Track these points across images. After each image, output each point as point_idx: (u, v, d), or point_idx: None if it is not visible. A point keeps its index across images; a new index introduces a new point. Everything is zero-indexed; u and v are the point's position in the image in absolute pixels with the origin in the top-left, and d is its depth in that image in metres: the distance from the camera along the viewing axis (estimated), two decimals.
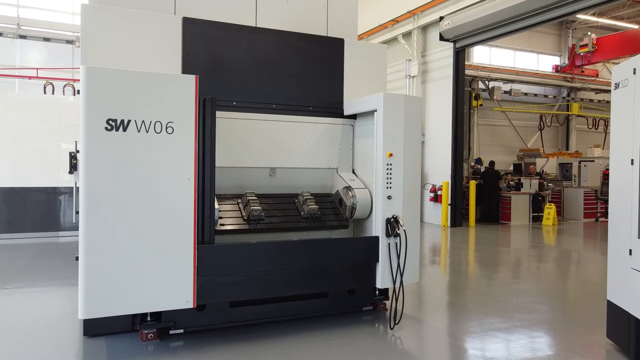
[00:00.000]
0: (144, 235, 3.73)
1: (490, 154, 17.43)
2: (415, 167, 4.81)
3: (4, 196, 9.92)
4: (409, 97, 4.72)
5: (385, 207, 4.60)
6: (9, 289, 6.03)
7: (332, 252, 4.56)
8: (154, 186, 3.76)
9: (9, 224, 9.93)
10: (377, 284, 4.67)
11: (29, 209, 10.00)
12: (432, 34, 14.09)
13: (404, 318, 4.72)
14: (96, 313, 3.67)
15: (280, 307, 4.59)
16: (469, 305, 5.66)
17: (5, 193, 9.91)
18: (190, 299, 3.91)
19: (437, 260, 9.04)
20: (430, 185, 13.96)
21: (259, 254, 4.28)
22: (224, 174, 4.71)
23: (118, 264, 3.66)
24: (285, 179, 5.04)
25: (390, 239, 4.60)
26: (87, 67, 3.58)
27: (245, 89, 4.81)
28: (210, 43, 4.66)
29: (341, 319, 4.85)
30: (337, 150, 5.22)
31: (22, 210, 9.98)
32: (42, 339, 4.31)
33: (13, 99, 10.73)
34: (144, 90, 3.72)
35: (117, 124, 3.64)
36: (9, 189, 9.90)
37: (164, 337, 4.24)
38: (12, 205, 9.95)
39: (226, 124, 4.67)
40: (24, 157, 9.85)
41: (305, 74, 5.08)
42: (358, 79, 5.32)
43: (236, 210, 4.65)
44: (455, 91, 13.35)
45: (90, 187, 3.58)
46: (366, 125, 5.04)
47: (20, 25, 14.42)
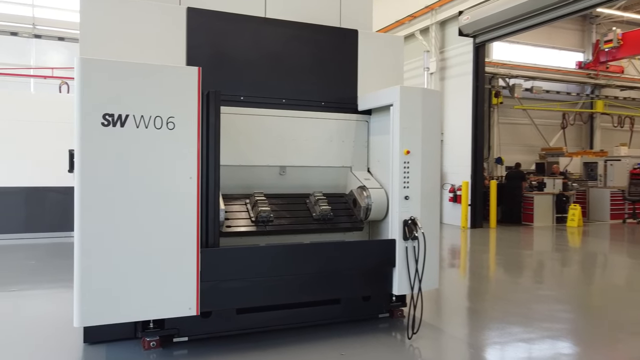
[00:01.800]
0: (143, 237, 3.50)
1: (511, 153, 16.94)
2: (434, 166, 4.51)
3: (22, 196, 9.88)
4: (427, 90, 4.43)
5: (402, 208, 4.30)
6: (14, 291, 5.88)
7: (345, 256, 4.28)
8: (154, 185, 3.53)
9: (27, 224, 9.89)
10: (394, 290, 4.38)
11: (47, 208, 9.95)
12: (450, 29, 13.70)
13: (423, 326, 4.40)
14: (91, 321, 3.45)
15: (290, 314, 4.32)
16: (491, 313, 5.33)
17: (23, 192, 9.87)
18: (193, 306, 3.66)
19: (457, 263, 8.69)
20: (449, 185, 13.58)
21: (266, 258, 4.02)
22: (231, 173, 4.46)
23: (114, 269, 3.43)
24: (295, 178, 4.77)
25: (407, 242, 4.31)
26: (82, 58, 3.35)
27: (254, 83, 4.56)
28: (216, 35, 4.42)
29: (355, 327, 4.56)
30: (351, 148, 4.93)
31: (40, 210, 9.93)
32: (40, 346, 4.11)
33: (29, 99, 10.70)
34: (142, 83, 3.49)
35: (115, 119, 3.41)
36: (26, 188, 9.86)
37: (168, 345, 4.01)
38: (30, 205, 9.92)
39: (233, 119, 4.43)
40: (41, 157, 9.76)
41: (317, 67, 4.80)
42: (373, 73, 5.02)
43: (244, 211, 4.39)
44: (475, 88, 12.95)
45: (85, 186, 3.36)
46: (382, 121, 4.75)
47: (35, 24, 14.43)
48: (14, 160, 9.83)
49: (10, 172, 9.82)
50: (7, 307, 5.26)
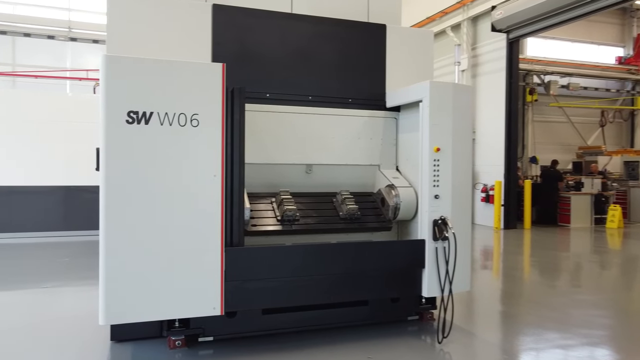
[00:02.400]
0: (167, 236, 3.46)
1: (546, 152, 16.41)
2: (466, 163, 4.35)
3: (59, 195, 10.14)
4: (458, 85, 4.26)
5: (432, 208, 4.16)
6: (47, 287, 5.99)
7: (372, 257, 4.16)
8: (177, 183, 3.49)
9: (63, 222, 10.15)
10: (423, 292, 4.23)
11: (82, 207, 10.18)
12: (483, 25, 13.37)
13: (454, 331, 4.25)
14: (116, 319, 3.44)
15: (316, 315, 4.23)
16: (525, 317, 5.11)
17: (60, 191, 10.13)
18: (218, 305, 3.61)
19: (489, 265, 8.44)
20: (481, 185, 13.25)
21: (292, 258, 3.94)
22: (256, 171, 4.40)
23: (139, 267, 3.41)
24: (322, 177, 4.68)
25: (437, 242, 4.16)
26: (107, 56, 3.34)
27: (279, 80, 4.49)
28: (242, 31, 4.37)
29: (383, 330, 4.44)
30: (379, 146, 4.81)
31: (76, 208, 10.17)
32: (69, 342, 4.14)
33: (65, 100, 10.98)
34: (167, 79, 3.46)
35: (139, 117, 3.39)
36: (63, 187, 10.11)
37: (193, 345, 3.98)
38: (66, 203, 10.17)
39: (258, 117, 4.37)
40: (77, 157, 9.98)
41: (344, 64, 4.70)
42: (402, 68, 4.88)
43: (269, 210, 4.33)
44: (508, 85, 12.60)
45: (109, 184, 3.35)
46: (411, 118, 4.60)
47: (71, 28, 14.80)
48: (51, 160, 10.10)
49: (48, 171, 10.09)
50: (39, 303, 5.36)
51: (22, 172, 10.00)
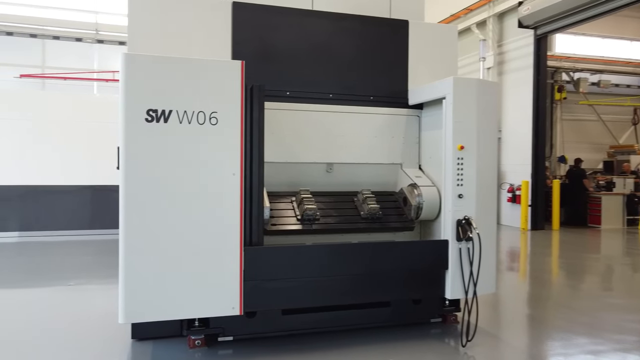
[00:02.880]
0: (186, 235, 3.45)
1: (576, 151, 15.97)
2: (491, 162, 4.22)
3: (87, 194, 10.33)
4: (482, 81, 4.14)
5: (455, 207, 4.05)
6: (72, 285, 6.07)
7: (394, 257, 4.07)
8: (196, 182, 3.47)
9: (90, 221, 10.34)
10: (446, 294, 4.12)
11: (109, 206, 10.33)
12: (509, 21, 13.09)
13: (479, 334, 4.13)
14: (135, 318, 3.44)
15: (337, 316, 4.16)
16: (553, 321, 4.95)
17: (88, 191, 10.32)
18: (237, 305, 3.58)
19: (516, 266, 8.24)
20: (507, 185, 12.97)
21: (312, 258, 3.88)
22: (277, 170, 4.36)
23: (158, 266, 3.40)
24: (343, 176, 4.61)
25: (461, 243, 4.04)
26: (126, 54, 3.35)
27: (300, 78, 4.44)
28: (262, 29, 4.33)
29: (405, 332, 4.35)
30: (401, 144, 4.71)
31: (103, 208, 10.35)
32: (90, 339, 4.17)
33: (92, 101, 11.19)
34: (185, 77, 3.44)
35: (158, 115, 3.39)
36: (89, 187, 10.30)
37: (213, 345, 3.96)
38: (93, 203, 10.36)
39: (278, 115, 4.33)
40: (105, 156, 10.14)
41: (365, 61, 4.62)
42: (425, 65, 4.78)
43: (289, 209, 4.28)
44: (536, 82, 12.30)
45: (129, 183, 3.35)
46: (434, 116, 4.50)
47: (98, 30, 15.06)
48: (79, 160, 10.29)
49: (75, 171, 10.28)
50: (63, 300, 5.43)
51: (51, 172, 10.21)
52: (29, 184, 10.11)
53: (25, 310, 5.08)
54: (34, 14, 14.77)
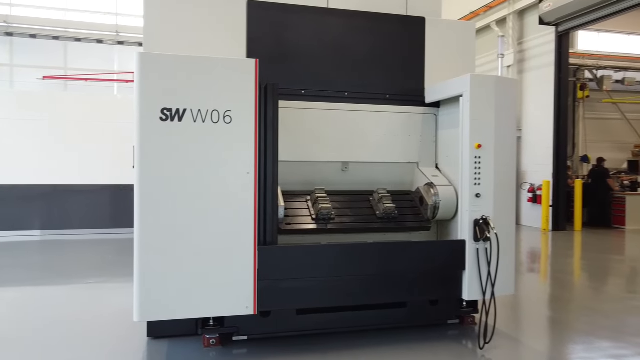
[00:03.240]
0: (200, 234, 3.45)
1: (599, 151, 15.62)
2: (509, 161, 4.13)
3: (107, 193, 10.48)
4: (501, 78, 4.06)
5: (473, 207, 3.97)
6: (90, 283, 6.15)
7: (410, 257, 4.02)
8: (210, 181, 3.47)
9: (112, 220, 10.48)
10: (463, 295, 4.05)
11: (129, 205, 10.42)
12: (530, 18, 12.87)
13: (497, 336, 4.05)
14: (150, 316, 3.45)
15: (352, 317, 4.12)
16: (575, 324, 4.83)
17: (108, 190, 10.46)
18: (251, 304, 3.57)
19: (536, 268, 8.08)
20: (528, 185, 12.75)
21: (326, 258, 3.85)
22: (292, 169, 4.34)
23: (172, 265, 3.40)
24: (358, 175, 4.57)
25: (479, 243, 3.97)
26: (141, 53, 3.36)
27: (315, 76, 4.41)
28: (277, 27, 4.32)
29: (422, 333, 4.29)
30: (418, 143, 4.65)
31: (124, 207, 10.47)
32: (107, 337, 4.21)
33: (113, 101, 11.34)
34: (199, 76, 3.44)
35: (173, 114, 3.39)
36: (111, 186, 10.44)
37: (227, 344, 3.95)
38: (114, 201, 10.50)
39: (293, 114, 4.30)
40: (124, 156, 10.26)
41: (381, 59, 4.57)
42: (442, 63, 4.70)
43: (304, 208, 4.25)
44: (557, 80, 12.05)
45: (143, 182, 3.36)
46: (451, 114, 4.43)
47: (119, 32, 15.26)
48: (101, 160, 10.43)
49: (97, 170, 10.43)
50: (81, 298, 5.49)
51: (72, 172, 10.37)
52: (51, 183, 10.28)
53: (43, 307, 5.15)
54: (56, 17, 15.05)
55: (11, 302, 5.36)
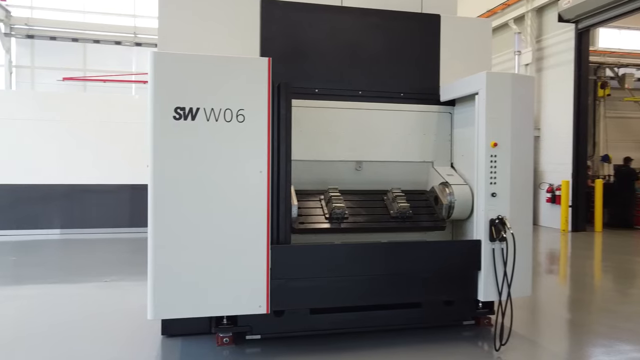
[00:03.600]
0: (213, 232, 3.45)
1: (621, 150, 15.29)
2: (526, 159, 4.07)
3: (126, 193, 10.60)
4: (517, 75, 3.99)
5: (488, 206, 3.92)
6: (107, 281, 6.21)
7: (424, 257, 3.98)
8: (223, 180, 3.47)
9: (130, 219, 10.60)
10: (479, 296, 3.99)
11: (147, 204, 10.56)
12: (548, 15, 12.67)
13: (514, 338, 3.99)
14: (163, 314, 3.47)
15: (366, 317, 4.09)
16: (595, 326, 4.72)
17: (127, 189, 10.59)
18: (264, 304, 3.56)
19: (555, 269, 7.94)
20: (546, 185, 12.55)
21: (339, 257, 3.83)
22: (305, 168, 4.33)
23: (185, 263, 3.42)
24: (372, 174, 4.53)
25: (494, 243, 3.91)
26: (154, 53, 3.38)
27: (329, 75, 4.39)
28: (290, 26, 4.31)
29: (437, 334, 4.24)
30: (433, 142, 4.60)
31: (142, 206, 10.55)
32: (121, 335, 4.25)
33: (131, 102, 11.47)
34: (212, 75, 3.45)
35: (186, 113, 3.40)
36: (129, 185, 10.56)
37: (241, 343, 3.96)
38: (132, 201, 10.62)
39: (307, 113, 4.29)
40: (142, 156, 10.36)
41: (395, 56, 4.53)
42: (457, 60, 4.65)
43: (318, 207, 4.23)
44: (577, 78, 11.84)
45: (157, 181, 3.38)
46: (466, 112, 4.37)
47: (136, 34, 15.44)
48: (119, 159, 10.55)
49: (116, 170, 10.56)
50: (97, 296, 5.56)
51: (91, 171, 10.51)
52: (70, 183, 10.43)
53: (59, 304, 5.22)
54: (76, 19, 15.28)
55: (30, 299, 5.44)
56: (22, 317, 4.80)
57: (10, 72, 14.67)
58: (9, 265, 7.52)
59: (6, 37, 14.53)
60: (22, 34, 14.70)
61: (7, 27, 14.55)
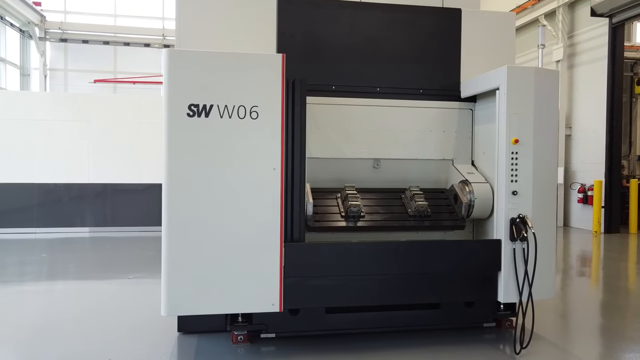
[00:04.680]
0: (226, 229, 3.45)
1: None
2: (550, 157, 3.92)
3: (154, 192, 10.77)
4: (540, 70, 3.86)
5: (509, 205, 3.79)
6: (130, 278, 6.31)
7: (442, 257, 3.88)
8: (237, 177, 3.46)
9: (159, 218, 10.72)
10: (499, 297, 3.87)
11: None
12: (581, 10, 12.28)
13: (539, 341, 3.88)
14: (177, 311, 3.49)
15: (383, 317, 4.02)
16: (628, 332, 4.51)
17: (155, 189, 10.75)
18: (277, 302, 3.54)
19: (587, 271, 7.67)
20: (578, 185, 12.16)
21: (354, 256, 3.77)
22: (322, 166, 4.29)
23: (199, 261, 3.42)
24: (391, 172, 4.46)
25: (515, 243, 3.78)
26: (168, 50, 3.40)
27: (346, 72, 4.33)
28: (307, 23, 4.28)
29: (456, 336, 4.13)
30: (453, 139, 4.49)
31: None
32: (140, 332, 4.28)
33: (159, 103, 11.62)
34: (226, 71, 3.44)
35: (199, 110, 3.41)
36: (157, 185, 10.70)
37: (255, 341, 3.94)
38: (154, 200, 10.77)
39: (324, 110, 4.25)
40: None
41: (415, 52, 4.44)
42: (479, 56, 4.52)
43: (334, 205, 4.18)
44: (611, 75, 11.43)
45: (171, 178, 3.39)
46: (487, 108, 4.25)
47: (165, 35, 15.71)
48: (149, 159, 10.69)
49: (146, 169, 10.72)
50: (119, 293, 5.65)
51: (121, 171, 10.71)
52: (101, 182, 10.65)
53: (83, 300, 5.33)
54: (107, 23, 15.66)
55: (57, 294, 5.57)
56: (45, 310, 4.91)
57: (45, 75, 15.11)
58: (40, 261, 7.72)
59: (41, 41, 14.99)
60: (56, 37, 15.15)
61: (41, 31, 15.02)
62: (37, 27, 14.78)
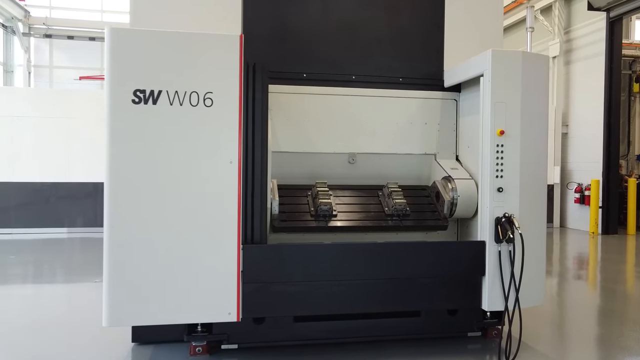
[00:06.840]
0: (176, 229, 3.08)
1: None
2: (539, 150, 3.58)
3: None
4: (528, 54, 3.50)
5: (494, 203, 3.44)
6: (97, 282, 5.93)
7: (420, 260, 3.52)
8: (189, 170, 3.10)
9: None
10: (483, 304, 3.51)
11: None
12: (577, 4, 11.94)
13: (527, 352, 3.55)
14: (120, 322, 3.09)
15: (358, 326, 3.67)
16: (627, 342, 4.15)
17: None
18: (234, 310, 3.17)
19: (583, 275, 7.32)
20: (575, 184, 11.81)
21: (324, 258, 3.41)
22: (292, 161, 3.93)
23: (145, 265, 3.06)
24: (368, 167, 4.10)
25: (501, 245, 3.43)
26: (111, 28, 3.03)
27: (319, 59, 3.99)
28: (275, 5, 3.92)
29: (438, 346, 3.78)
30: (436, 132, 4.14)
31: None
32: (91, 341, 3.91)
33: None
34: (176, 54, 3.08)
35: (146, 96, 3.05)
36: None
37: (216, 352, 3.58)
38: None
39: (295, 100, 3.90)
40: None
41: (394, 38, 4.09)
42: (464, 42, 4.17)
43: (304, 203, 3.83)
44: (608, 71, 11.09)
45: (114, 171, 3.02)
46: (473, 98, 3.89)
47: None
48: None
49: None
50: (80, 298, 5.31)
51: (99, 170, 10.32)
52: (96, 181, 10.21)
53: (38, 305, 4.96)
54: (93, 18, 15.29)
55: (15, 298, 5.21)
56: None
57: (29, 71, 14.73)
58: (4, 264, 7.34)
59: (25, 36, 14.61)
60: (41, 33, 14.76)
61: (25, 26, 14.63)
62: (20, 22, 14.39)
